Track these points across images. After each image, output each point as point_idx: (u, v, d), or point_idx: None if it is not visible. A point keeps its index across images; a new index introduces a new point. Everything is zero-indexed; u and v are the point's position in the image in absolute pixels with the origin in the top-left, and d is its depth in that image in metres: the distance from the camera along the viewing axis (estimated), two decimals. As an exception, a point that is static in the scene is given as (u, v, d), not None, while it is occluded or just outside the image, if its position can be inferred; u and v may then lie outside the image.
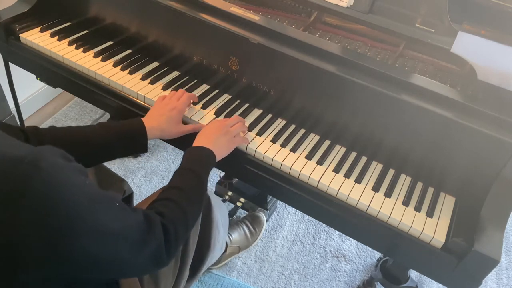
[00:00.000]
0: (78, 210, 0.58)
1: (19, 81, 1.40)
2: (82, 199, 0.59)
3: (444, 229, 0.90)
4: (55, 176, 0.56)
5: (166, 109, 1.01)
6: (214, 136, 0.95)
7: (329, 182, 0.97)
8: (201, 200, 0.86)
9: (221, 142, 0.95)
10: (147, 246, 0.68)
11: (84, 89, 1.20)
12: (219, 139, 0.95)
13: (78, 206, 0.58)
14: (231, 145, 0.98)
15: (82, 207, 0.58)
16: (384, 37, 1.12)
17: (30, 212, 0.54)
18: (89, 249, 0.59)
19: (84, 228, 0.58)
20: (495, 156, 0.88)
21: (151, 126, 0.97)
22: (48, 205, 0.55)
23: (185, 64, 1.19)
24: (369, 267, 1.58)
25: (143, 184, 1.77)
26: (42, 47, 1.23)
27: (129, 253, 0.65)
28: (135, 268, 0.70)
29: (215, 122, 1.00)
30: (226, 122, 1.00)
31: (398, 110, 0.94)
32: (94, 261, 0.61)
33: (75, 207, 0.58)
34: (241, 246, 1.53)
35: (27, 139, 0.82)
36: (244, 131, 1.04)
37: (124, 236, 0.64)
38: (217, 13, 1.08)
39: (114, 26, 1.25)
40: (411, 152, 0.99)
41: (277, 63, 1.04)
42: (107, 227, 0.62)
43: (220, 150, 0.94)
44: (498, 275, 1.61)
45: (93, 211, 0.60)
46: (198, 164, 0.88)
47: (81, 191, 0.59)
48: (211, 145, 0.92)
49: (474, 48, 0.92)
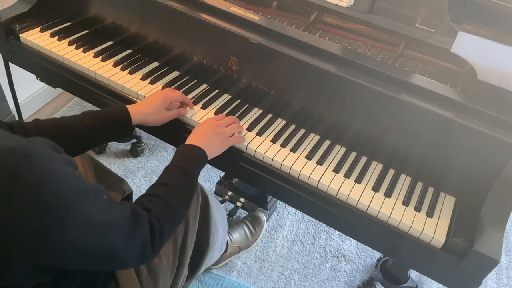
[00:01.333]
0: (66, 201, 0.59)
1: (19, 81, 1.40)
2: (71, 190, 0.59)
3: (444, 229, 0.90)
4: (45, 167, 0.57)
5: (153, 96, 1.03)
6: (207, 135, 0.95)
7: (329, 182, 0.97)
8: (189, 199, 0.87)
9: (214, 142, 0.95)
10: (133, 240, 0.69)
11: (84, 89, 1.20)
12: (212, 139, 0.95)
13: (66, 196, 0.59)
14: (224, 146, 0.98)
15: (70, 198, 0.59)
16: (384, 37, 1.12)
17: (20, 202, 0.55)
18: (77, 239, 0.60)
19: (72, 218, 0.59)
20: (495, 156, 0.88)
21: (135, 110, 0.98)
22: (38, 195, 0.56)
23: (185, 64, 1.19)
24: (369, 267, 1.58)
25: (143, 184, 1.77)
26: (42, 47, 1.23)
27: (115, 246, 0.66)
28: (120, 261, 0.70)
29: (209, 121, 1.00)
30: (220, 121, 1.00)
31: (398, 110, 0.94)
32: (81, 252, 0.62)
33: (63, 198, 0.58)
34: (242, 246, 1.53)
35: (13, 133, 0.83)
36: (239, 132, 1.04)
37: (111, 228, 0.65)
38: (217, 13, 1.08)
39: (114, 26, 1.25)
40: (411, 152, 0.99)
41: (277, 63, 1.04)
42: (94, 218, 0.62)
43: (212, 150, 0.95)
44: (498, 275, 1.61)
45: (81, 202, 0.61)
46: (188, 162, 0.88)
47: (70, 182, 0.60)
48: (204, 144, 0.93)
49: (474, 48, 0.92)
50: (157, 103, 1.01)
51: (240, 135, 1.04)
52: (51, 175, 0.57)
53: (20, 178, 0.55)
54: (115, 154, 1.89)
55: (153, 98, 1.03)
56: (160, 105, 1.02)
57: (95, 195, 0.65)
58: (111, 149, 1.91)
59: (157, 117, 1.02)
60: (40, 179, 0.56)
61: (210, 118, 1.03)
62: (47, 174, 0.57)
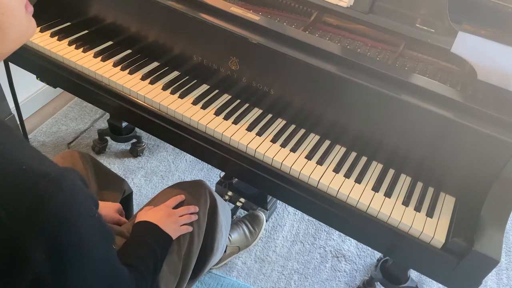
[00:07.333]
0: (79, 238, 0.61)
1: (19, 81, 1.40)
2: (87, 229, 0.62)
3: (444, 229, 0.90)
4: (73, 199, 0.59)
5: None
6: (163, 221, 0.97)
7: (329, 182, 0.97)
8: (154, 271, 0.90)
9: (170, 228, 0.97)
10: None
11: (84, 89, 1.20)
12: (168, 225, 0.97)
13: (81, 233, 0.61)
14: (177, 233, 0.99)
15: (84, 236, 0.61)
16: (384, 37, 1.12)
17: (43, 227, 0.56)
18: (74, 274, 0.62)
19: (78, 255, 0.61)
20: (495, 156, 0.88)
21: None
22: (59, 225, 0.57)
23: (185, 64, 1.19)
24: (369, 267, 1.58)
25: (143, 184, 1.77)
26: (42, 47, 1.23)
27: None
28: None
29: (164, 209, 1.01)
30: (175, 211, 1.01)
31: (398, 110, 0.94)
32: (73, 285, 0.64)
33: (78, 234, 0.60)
34: (241, 246, 1.53)
35: None
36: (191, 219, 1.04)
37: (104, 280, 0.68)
38: (217, 13, 1.08)
39: (114, 26, 1.25)
40: (411, 152, 0.99)
41: (277, 63, 1.04)
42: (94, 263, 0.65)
43: (168, 228, 0.97)
44: (498, 275, 1.61)
45: (91, 244, 0.63)
46: (159, 245, 0.92)
47: (88, 221, 0.62)
48: (156, 221, 0.95)
49: (474, 48, 0.92)
50: None
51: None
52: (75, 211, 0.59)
53: (48, 204, 0.56)
54: (115, 154, 1.89)
55: None
56: None
57: (107, 241, 0.68)
58: (111, 149, 1.91)
59: None
60: (65, 211, 0.58)
61: (164, 205, 1.03)
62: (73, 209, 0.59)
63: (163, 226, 0.95)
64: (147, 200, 1.55)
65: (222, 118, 1.09)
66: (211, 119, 1.08)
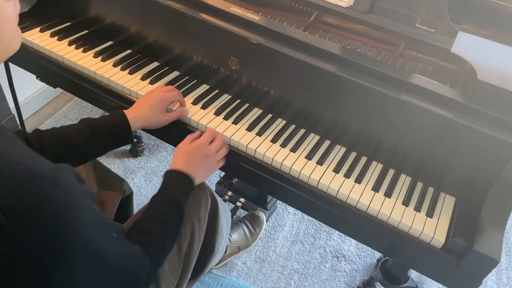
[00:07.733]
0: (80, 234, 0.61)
1: (19, 81, 1.40)
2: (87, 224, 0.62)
3: (444, 229, 0.90)
4: (70, 196, 0.59)
5: (150, 97, 1.03)
6: (191, 160, 0.95)
7: (329, 182, 0.97)
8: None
9: (202, 174, 0.96)
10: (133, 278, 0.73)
11: (84, 89, 1.20)
12: (201, 172, 0.95)
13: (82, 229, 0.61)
14: (212, 170, 0.97)
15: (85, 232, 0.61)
16: (384, 37, 1.12)
17: (41, 226, 0.56)
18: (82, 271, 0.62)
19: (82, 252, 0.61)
20: (495, 156, 0.88)
21: (134, 116, 0.99)
22: (58, 223, 0.57)
23: (185, 64, 1.19)
24: (369, 267, 1.58)
25: (143, 184, 1.77)
26: (42, 47, 1.23)
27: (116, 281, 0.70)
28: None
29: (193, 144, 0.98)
30: (202, 141, 0.98)
31: (398, 110, 0.94)
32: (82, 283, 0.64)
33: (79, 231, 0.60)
34: (241, 246, 1.53)
35: None
36: (226, 148, 1.02)
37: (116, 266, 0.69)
38: (217, 13, 1.08)
39: (114, 26, 1.25)
40: (411, 152, 0.99)
41: (277, 63, 1.04)
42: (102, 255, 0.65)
43: (199, 176, 0.96)
44: (498, 275, 1.61)
45: (94, 237, 0.63)
46: (179, 192, 0.90)
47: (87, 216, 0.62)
48: (190, 170, 0.93)
49: (474, 48, 0.92)
50: (155, 106, 1.01)
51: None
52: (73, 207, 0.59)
53: (47, 203, 0.56)
54: (115, 154, 1.89)
55: (150, 100, 1.02)
56: (159, 108, 1.02)
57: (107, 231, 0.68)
58: (111, 149, 1.91)
59: (157, 120, 1.02)
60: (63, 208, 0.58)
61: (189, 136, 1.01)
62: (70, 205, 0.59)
63: (195, 172, 0.93)
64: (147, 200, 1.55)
65: (222, 118, 1.09)
66: (211, 119, 1.08)
